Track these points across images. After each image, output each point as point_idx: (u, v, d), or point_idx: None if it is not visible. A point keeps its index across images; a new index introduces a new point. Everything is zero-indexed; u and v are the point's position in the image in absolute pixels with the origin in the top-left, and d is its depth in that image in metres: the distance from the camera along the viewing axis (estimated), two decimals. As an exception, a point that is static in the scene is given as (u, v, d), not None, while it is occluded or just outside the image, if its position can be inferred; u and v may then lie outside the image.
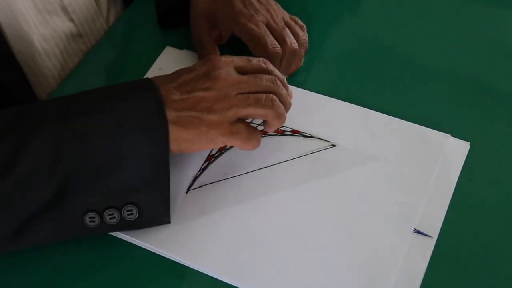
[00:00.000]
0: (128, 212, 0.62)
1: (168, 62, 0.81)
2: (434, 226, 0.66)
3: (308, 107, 0.75)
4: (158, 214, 0.64)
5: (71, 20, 0.81)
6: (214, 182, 0.69)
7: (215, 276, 0.64)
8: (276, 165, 0.71)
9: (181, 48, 0.82)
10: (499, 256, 0.64)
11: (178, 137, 0.62)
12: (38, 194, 0.59)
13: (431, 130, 0.73)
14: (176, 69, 0.80)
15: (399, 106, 0.75)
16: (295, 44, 0.75)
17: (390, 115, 0.74)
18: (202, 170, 0.70)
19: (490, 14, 0.86)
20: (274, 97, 0.65)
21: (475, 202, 0.68)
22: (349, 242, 0.65)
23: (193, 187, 0.68)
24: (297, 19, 0.79)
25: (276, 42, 0.74)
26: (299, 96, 0.76)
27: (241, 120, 0.64)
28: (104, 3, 0.86)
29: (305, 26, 0.79)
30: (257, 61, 0.67)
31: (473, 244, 0.65)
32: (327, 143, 0.72)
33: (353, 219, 0.67)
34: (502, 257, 0.64)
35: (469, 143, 0.72)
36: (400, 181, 0.69)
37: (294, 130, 0.73)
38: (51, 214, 0.60)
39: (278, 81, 0.66)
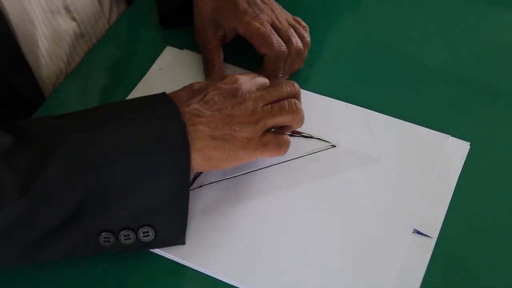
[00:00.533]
0: (144, 234, 0.61)
1: (169, 62, 0.81)
2: (434, 227, 0.66)
3: (308, 108, 0.74)
4: (174, 236, 0.64)
5: (73, 19, 0.81)
6: (214, 182, 0.69)
7: (214, 276, 0.64)
8: (275, 165, 0.71)
9: (181, 48, 0.82)
10: (499, 256, 0.64)
11: (212, 156, 0.62)
12: (56, 213, 0.58)
13: (431, 130, 0.73)
14: (177, 69, 0.80)
15: (399, 106, 0.75)
16: (300, 44, 0.76)
17: (390, 116, 0.74)
18: None
19: (490, 14, 0.86)
20: (295, 100, 0.66)
21: (475, 202, 0.68)
22: (349, 242, 0.65)
23: (192, 187, 0.68)
24: (300, 20, 0.79)
25: (281, 41, 0.74)
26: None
27: (268, 131, 0.65)
28: (107, 2, 0.86)
29: (307, 27, 0.79)
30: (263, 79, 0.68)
31: (472, 245, 0.65)
32: (327, 144, 0.72)
33: (352, 220, 0.66)
34: (502, 258, 0.64)
35: (469, 143, 0.72)
36: (399, 182, 0.69)
37: (294, 130, 0.72)
38: (66, 233, 0.59)
39: (296, 84, 0.67)
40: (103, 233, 0.60)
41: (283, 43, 0.74)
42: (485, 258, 0.64)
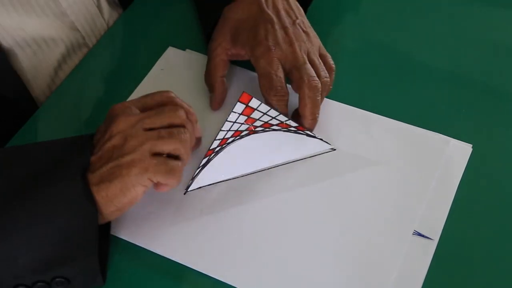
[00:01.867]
0: (58, 285, 0.59)
1: (170, 62, 0.80)
2: (436, 228, 0.65)
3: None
4: (90, 281, 0.62)
5: (72, 23, 0.81)
6: (212, 183, 0.69)
7: (213, 277, 0.63)
8: (275, 168, 0.70)
9: (183, 48, 0.82)
10: (501, 259, 0.64)
11: (108, 195, 0.60)
12: None
13: (433, 133, 0.72)
14: (178, 69, 0.80)
15: (399, 108, 0.75)
16: (314, 81, 0.69)
17: (391, 118, 0.74)
18: (200, 169, 0.69)
19: (494, 14, 0.85)
20: (186, 129, 0.62)
21: (477, 204, 0.68)
22: (349, 245, 0.65)
23: (191, 188, 0.68)
24: (328, 57, 0.74)
25: (282, 87, 0.70)
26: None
27: (159, 154, 0.62)
28: (105, 4, 0.85)
29: (334, 67, 0.73)
30: (159, 95, 0.65)
31: (474, 247, 0.65)
32: (327, 146, 0.71)
33: (352, 222, 0.66)
34: (504, 260, 0.64)
35: (471, 145, 0.71)
36: (400, 184, 0.69)
37: (299, 127, 0.72)
38: None
39: (189, 114, 0.64)
40: (19, 287, 0.58)
41: (283, 90, 0.70)
42: (487, 261, 0.64)
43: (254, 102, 0.72)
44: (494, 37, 0.82)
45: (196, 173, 0.69)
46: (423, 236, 0.65)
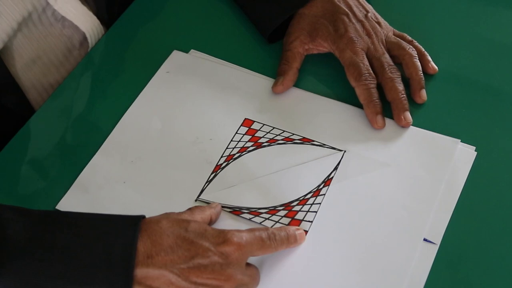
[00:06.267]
0: None
1: (176, 65, 0.80)
2: (437, 233, 0.65)
3: (317, 111, 0.75)
4: None
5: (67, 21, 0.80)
6: (221, 190, 0.69)
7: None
8: (284, 170, 0.70)
9: (186, 49, 0.82)
10: (503, 264, 0.64)
11: None
12: None
13: (441, 135, 0.72)
14: (184, 72, 0.79)
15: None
16: (393, 69, 0.75)
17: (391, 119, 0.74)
18: (207, 184, 0.70)
19: (494, 14, 0.84)
20: None
21: (479, 209, 0.68)
22: (359, 250, 0.65)
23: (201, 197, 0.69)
24: (405, 35, 0.79)
25: (370, 73, 0.74)
26: (308, 99, 0.76)
27: None
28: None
29: (412, 39, 0.79)
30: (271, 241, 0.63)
31: (475, 252, 0.65)
32: (337, 150, 0.72)
33: (361, 226, 0.66)
34: (506, 266, 0.64)
35: (474, 147, 0.71)
36: (410, 188, 0.68)
37: (304, 138, 0.73)
38: None
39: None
40: None
41: (371, 76, 0.74)
42: (488, 266, 0.64)
43: (257, 125, 0.73)
44: (494, 37, 0.81)
45: (202, 188, 0.70)
46: (426, 240, 0.65)
